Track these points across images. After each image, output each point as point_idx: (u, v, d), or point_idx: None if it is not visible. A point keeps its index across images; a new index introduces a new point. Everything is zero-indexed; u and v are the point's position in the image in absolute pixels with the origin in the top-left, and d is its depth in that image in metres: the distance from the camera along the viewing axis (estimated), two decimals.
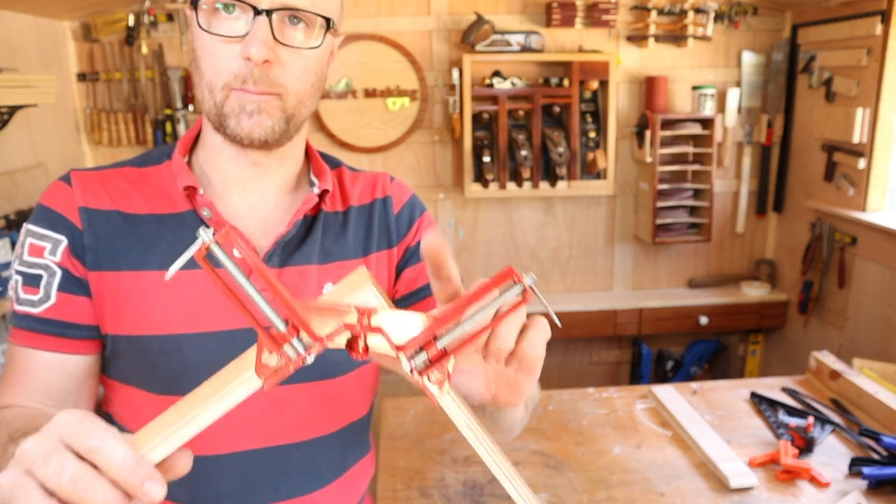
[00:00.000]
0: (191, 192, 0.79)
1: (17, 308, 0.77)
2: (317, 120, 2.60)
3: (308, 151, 0.90)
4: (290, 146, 0.82)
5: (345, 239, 0.87)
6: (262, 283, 0.55)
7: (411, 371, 0.45)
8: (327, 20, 0.73)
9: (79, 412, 0.46)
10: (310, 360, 0.45)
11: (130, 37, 2.45)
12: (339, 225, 0.88)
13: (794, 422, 1.31)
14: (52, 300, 0.76)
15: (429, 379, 0.45)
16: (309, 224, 0.85)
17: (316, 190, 0.85)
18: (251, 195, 0.83)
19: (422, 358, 0.45)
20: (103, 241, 0.77)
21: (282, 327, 0.44)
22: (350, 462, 0.91)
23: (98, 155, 2.58)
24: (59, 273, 0.76)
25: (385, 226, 0.92)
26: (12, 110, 1.94)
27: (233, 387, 0.46)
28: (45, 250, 0.76)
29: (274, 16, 0.70)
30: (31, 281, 0.76)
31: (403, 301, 0.95)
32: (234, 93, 0.72)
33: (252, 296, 0.44)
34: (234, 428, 0.81)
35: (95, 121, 2.51)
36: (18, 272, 0.77)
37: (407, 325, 0.44)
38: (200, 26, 0.70)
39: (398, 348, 0.44)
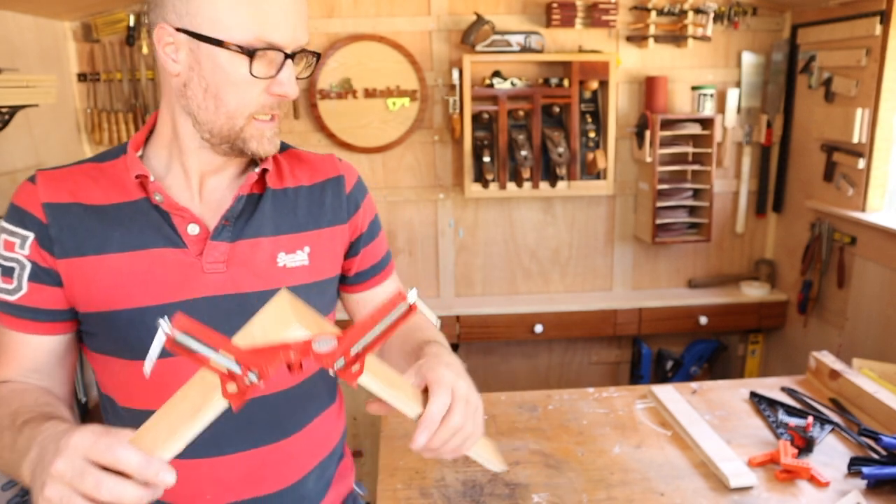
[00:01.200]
0: (143, 180, 0.88)
1: (0, 296, 0.88)
2: (317, 120, 2.60)
3: None
4: None
5: (296, 213, 0.97)
6: (216, 339, 0.66)
7: (335, 373, 0.66)
8: (317, 56, 0.91)
9: (89, 433, 0.63)
10: (261, 385, 0.64)
11: (131, 37, 2.45)
12: (291, 200, 0.97)
13: (794, 421, 1.32)
14: (24, 290, 0.87)
15: (350, 374, 0.66)
16: (255, 201, 0.94)
17: (256, 169, 0.94)
18: (208, 181, 0.93)
19: (340, 363, 0.65)
20: (66, 231, 0.86)
21: (238, 371, 0.63)
22: (313, 413, 1.02)
23: None
24: (28, 266, 0.87)
25: (338, 203, 1.02)
26: (13, 110, 1.94)
27: (206, 410, 0.63)
28: (16, 245, 0.86)
29: (296, 57, 0.85)
30: (7, 272, 0.87)
31: (364, 275, 1.09)
32: (257, 121, 0.85)
33: (213, 357, 0.62)
34: None
35: (96, 121, 2.51)
36: None
37: (328, 340, 0.64)
38: (254, 75, 0.82)
39: (325, 362, 0.64)
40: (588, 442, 1.31)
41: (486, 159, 2.59)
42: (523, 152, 2.56)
